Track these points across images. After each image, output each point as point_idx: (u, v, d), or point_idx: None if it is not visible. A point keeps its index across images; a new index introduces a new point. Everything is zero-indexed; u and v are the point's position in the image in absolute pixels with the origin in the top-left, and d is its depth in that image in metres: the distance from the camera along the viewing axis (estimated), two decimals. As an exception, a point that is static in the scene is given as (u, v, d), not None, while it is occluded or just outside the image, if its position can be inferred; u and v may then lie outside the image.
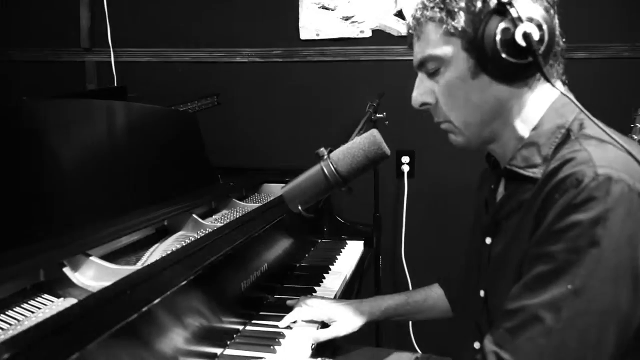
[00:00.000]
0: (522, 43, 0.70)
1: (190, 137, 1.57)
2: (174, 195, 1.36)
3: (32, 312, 0.81)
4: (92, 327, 0.66)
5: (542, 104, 0.78)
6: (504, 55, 0.71)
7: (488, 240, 0.86)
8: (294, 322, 1.10)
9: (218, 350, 0.98)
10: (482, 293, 0.88)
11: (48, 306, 0.83)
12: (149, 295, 0.76)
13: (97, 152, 1.20)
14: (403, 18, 2.06)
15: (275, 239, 1.39)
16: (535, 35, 0.69)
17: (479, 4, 0.73)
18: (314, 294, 1.28)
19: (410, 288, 2.03)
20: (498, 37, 0.71)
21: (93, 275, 0.95)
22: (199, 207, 1.37)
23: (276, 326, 1.09)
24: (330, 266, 1.49)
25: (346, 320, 1.07)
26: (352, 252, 1.66)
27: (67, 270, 0.90)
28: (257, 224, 1.18)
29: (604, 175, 0.64)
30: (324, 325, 1.10)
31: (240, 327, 1.09)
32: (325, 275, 1.42)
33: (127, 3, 2.19)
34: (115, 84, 2.19)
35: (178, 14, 2.19)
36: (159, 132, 1.44)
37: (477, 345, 0.89)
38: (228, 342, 1.02)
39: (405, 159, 2.08)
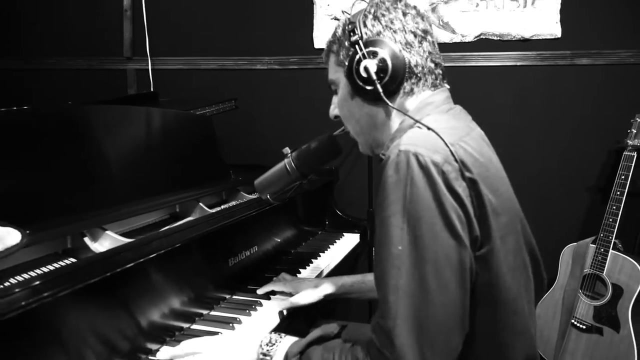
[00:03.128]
0: (365, 75, 0.88)
1: (205, 137, 1.80)
2: (187, 187, 1.59)
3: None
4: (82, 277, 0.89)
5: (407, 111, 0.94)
6: (360, 83, 0.89)
7: None
8: (272, 292, 1.30)
9: (205, 312, 1.20)
10: None
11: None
12: (133, 258, 0.98)
13: (126, 149, 1.43)
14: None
15: (270, 227, 1.59)
16: (373, 68, 0.87)
17: (347, 43, 0.92)
18: (297, 275, 1.47)
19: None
20: (354, 70, 0.90)
21: (109, 245, 1.18)
22: (206, 197, 1.60)
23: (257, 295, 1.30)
24: (321, 254, 1.67)
25: (306, 292, 1.26)
26: (344, 244, 1.83)
27: (87, 239, 1.15)
28: (236, 213, 1.39)
29: (404, 151, 0.79)
30: None
31: (228, 296, 1.30)
32: (313, 260, 1.60)
33: (163, 17, 2.47)
34: (152, 89, 2.48)
35: (206, 27, 2.44)
36: (178, 133, 1.66)
37: None
38: (214, 306, 1.23)
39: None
